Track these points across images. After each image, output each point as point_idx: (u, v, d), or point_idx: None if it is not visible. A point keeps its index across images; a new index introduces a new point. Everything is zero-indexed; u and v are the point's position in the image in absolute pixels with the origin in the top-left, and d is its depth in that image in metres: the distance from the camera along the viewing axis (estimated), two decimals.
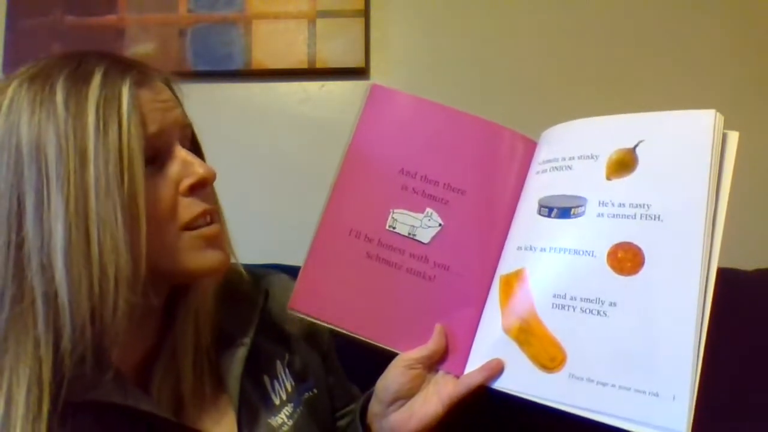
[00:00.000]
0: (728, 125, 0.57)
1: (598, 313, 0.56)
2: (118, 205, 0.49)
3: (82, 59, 0.54)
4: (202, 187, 0.56)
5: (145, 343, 0.60)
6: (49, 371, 0.49)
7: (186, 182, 0.55)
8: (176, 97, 0.60)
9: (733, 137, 0.57)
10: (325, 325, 0.65)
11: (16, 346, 0.49)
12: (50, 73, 0.52)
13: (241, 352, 0.62)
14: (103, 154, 0.49)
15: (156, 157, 0.54)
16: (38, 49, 1.12)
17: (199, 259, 0.56)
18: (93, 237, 0.49)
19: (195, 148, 0.61)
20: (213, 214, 0.58)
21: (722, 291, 0.54)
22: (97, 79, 0.52)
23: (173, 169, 0.55)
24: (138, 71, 0.54)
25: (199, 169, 0.55)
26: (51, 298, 0.49)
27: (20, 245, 0.49)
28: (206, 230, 0.56)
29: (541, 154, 0.67)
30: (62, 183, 0.49)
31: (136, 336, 0.58)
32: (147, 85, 0.55)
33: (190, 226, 0.55)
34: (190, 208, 0.55)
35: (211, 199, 0.58)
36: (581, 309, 0.57)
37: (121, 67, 0.54)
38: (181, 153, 0.56)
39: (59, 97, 0.50)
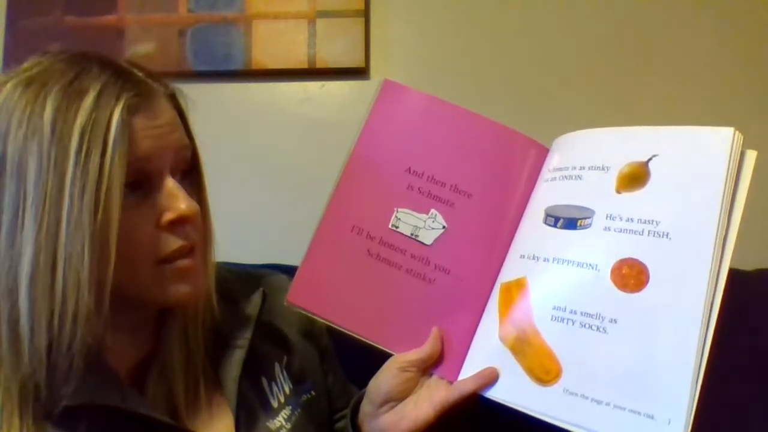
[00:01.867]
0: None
1: (598, 329, 0.56)
2: (87, 239, 0.48)
3: (82, 70, 0.51)
4: (182, 223, 0.54)
5: (142, 348, 0.60)
6: (17, 389, 0.49)
7: (166, 217, 0.53)
8: (181, 112, 0.58)
9: (751, 156, 0.55)
10: (321, 320, 0.65)
11: None
12: (46, 80, 0.50)
13: (238, 355, 0.62)
14: (80, 182, 0.48)
15: (142, 185, 0.53)
16: (38, 49, 1.10)
17: (167, 291, 0.55)
18: (59, 269, 0.47)
19: (194, 168, 0.59)
20: (193, 250, 0.56)
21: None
22: (89, 99, 0.49)
23: (157, 200, 0.54)
24: (136, 92, 0.52)
25: (181, 204, 0.54)
26: (14, 321, 0.48)
27: None
28: (180, 264, 0.55)
29: (552, 161, 0.65)
30: (37, 207, 0.47)
31: (131, 342, 0.58)
32: (144, 107, 0.52)
33: (165, 261, 0.54)
34: (167, 242, 0.54)
35: (193, 234, 0.56)
36: (581, 323, 0.56)
37: (119, 85, 0.51)
38: (169, 184, 0.54)
39: (48, 113, 0.49)
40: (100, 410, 0.52)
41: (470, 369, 0.62)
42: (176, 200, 0.54)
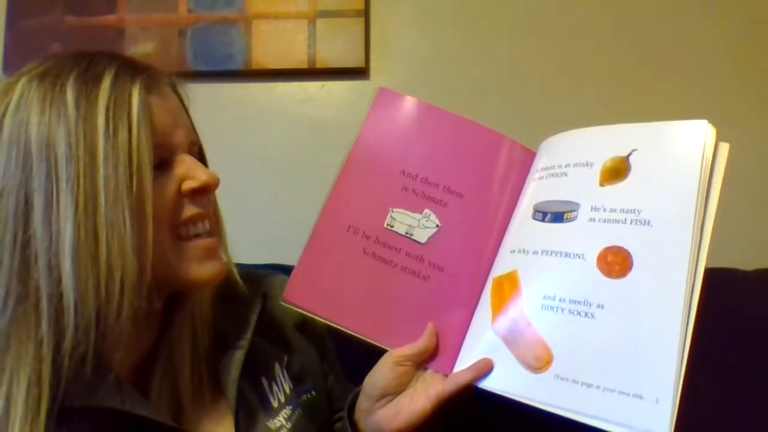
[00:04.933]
0: (730, 129, 0.58)
1: (586, 315, 0.57)
2: (127, 209, 0.50)
3: (92, 60, 0.54)
4: (204, 192, 0.57)
5: (143, 346, 0.60)
6: (49, 372, 0.49)
7: (188, 185, 0.56)
8: (182, 102, 0.61)
9: (724, 148, 0.58)
10: (317, 318, 0.66)
11: (18, 345, 0.49)
12: (60, 72, 0.52)
13: (238, 355, 0.62)
14: (113, 157, 0.50)
15: (162, 161, 0.55)
16: (38, 49, 1.13)
17: (198, 268, 0.57)
18: (101, 240, 0.49)
19: (201, 160, 0.61)
20: (211, 219, 0.58)
21: (722, 291, 0.54)
22: (107, 81, 0.52)
23: (177, 172, 0.56)
24: (147, 75, 0.55)
25: (202, 174, 0.56)
26: (57, 298, 0.49)
27: (26, 244, 0.49)
28: (205, 242, 0.57)
29: (540, 162, 0.68)
30: (72, 184, 0.49)
31: (134, 339, 0.58)
32: (156, 89, 0.55)
33: (187, 227, 0.56)
34: (185, 208, 0.56)
35: (209, 206, 0.59)
36: (569, 311, 0.58)
37: (131, 69, 0.54)
38: (186, 158, 0.57)
39: (69, 97, 0.50)
40: (101, 412, 0.52)
41: (465, 361, 0.63)
42: (197, 170, 0.56)
